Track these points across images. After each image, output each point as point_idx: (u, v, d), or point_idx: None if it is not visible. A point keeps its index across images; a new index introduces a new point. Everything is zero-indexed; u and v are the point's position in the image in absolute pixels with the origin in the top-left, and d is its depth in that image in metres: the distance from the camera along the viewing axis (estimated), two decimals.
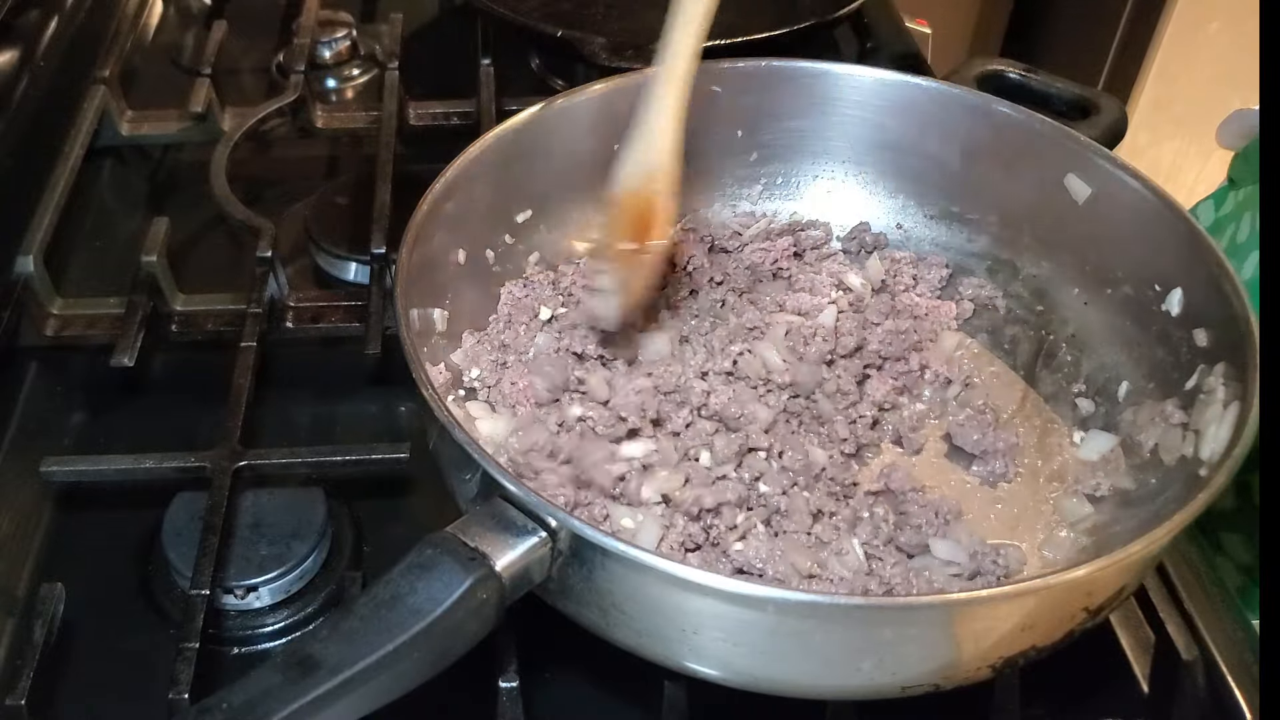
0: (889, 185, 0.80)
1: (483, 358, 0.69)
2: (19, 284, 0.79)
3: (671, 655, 0.53)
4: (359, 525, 0.69)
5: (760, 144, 0.80)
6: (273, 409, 0.74)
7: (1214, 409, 0.59)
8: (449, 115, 1.00)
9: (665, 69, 0.63)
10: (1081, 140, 0.71)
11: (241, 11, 1.16)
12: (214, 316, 0.81)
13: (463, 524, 0.50)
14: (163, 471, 0.67)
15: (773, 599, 0.48)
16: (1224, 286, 0.61)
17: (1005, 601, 0.50)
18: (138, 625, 0.63)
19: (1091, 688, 0.61)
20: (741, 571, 0.59)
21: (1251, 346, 0.57)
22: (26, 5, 0.93)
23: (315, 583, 0.64)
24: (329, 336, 0.81)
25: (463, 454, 0.52)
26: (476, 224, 0.71)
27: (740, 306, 0.75)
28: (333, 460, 0.68)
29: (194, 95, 0.97)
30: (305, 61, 1.01)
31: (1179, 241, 0.65)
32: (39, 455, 0.68)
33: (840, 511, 0.63)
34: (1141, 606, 0.63)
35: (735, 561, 0.60)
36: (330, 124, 1.01)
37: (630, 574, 0.49)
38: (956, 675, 0.52)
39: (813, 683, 0.52)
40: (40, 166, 0.88)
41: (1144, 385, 0.67)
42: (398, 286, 0.60)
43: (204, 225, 0.90)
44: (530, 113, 0.72)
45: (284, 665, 0.46)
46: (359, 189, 0.89)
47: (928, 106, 0.76)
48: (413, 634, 0.46)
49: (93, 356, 0.77)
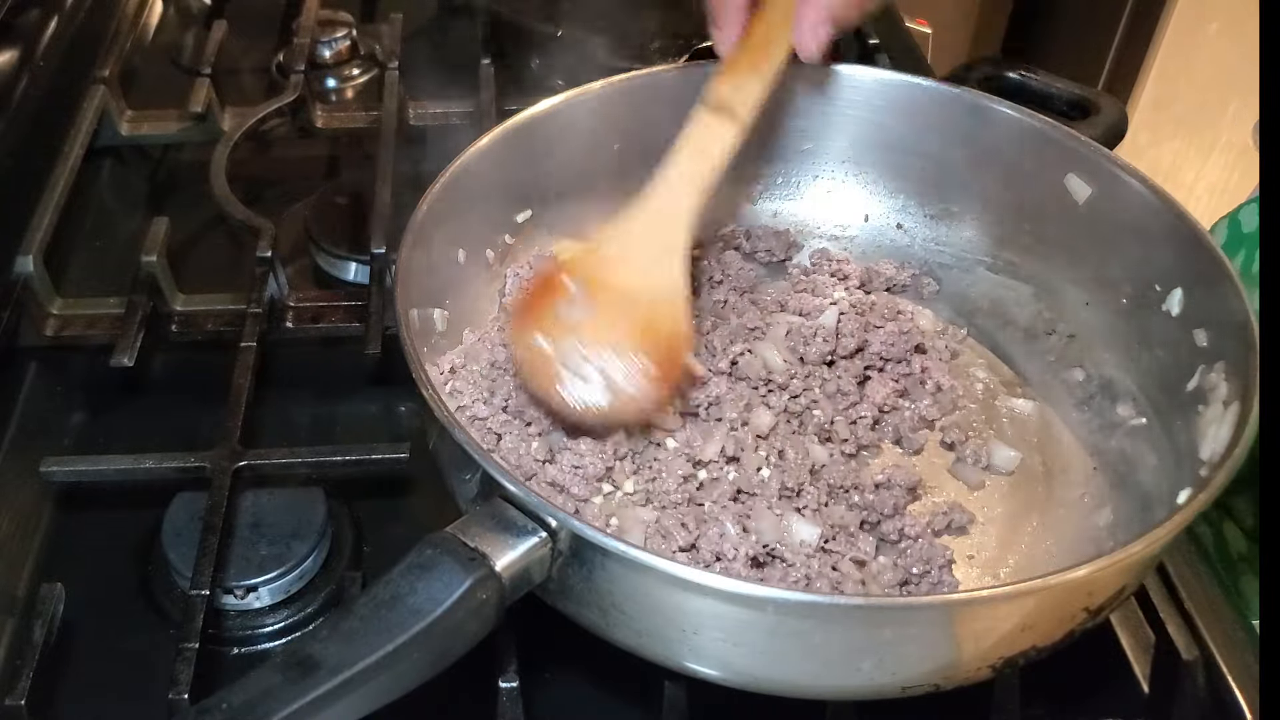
0: (889, 185, 0.80)
1: (482, 356, 0.69)
2: (19, 284, 0.79)
3: (671, 655, 0.53)
4: (359, 525, 0.69)
5: (760, 144, 0.80)
6: (273, 409, 0.74)
7: (1214, 409, 0.59)
8: (449, 115, 1.00)
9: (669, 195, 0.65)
10: (1081, 140, 0.71)
11: (241, 11, 1.16)
12: (214, 316, 0.81)
13: (463, 524, 0.50)
14: (163, 471, 0.67)
15: (773, 599, 0.48)
16: (1224, 286, 0.61)
17: (1005, 601, 0.50)
18: (138, 625, 0.63)
19: (1091, 688, 0.61)
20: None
21: (1251, 346, 0.57)
22: (26, 5, 0.93)
23: (315, 583, 0.64)
24: (329, 336, 0.81)
25: (463, 454, 0.52)
26: (476, 224, 0.71)
27: (741, 306, 0.75)
28: (333, 460, 0.68)
29: (194, 95, 0.97)
30: (305, 61, 1.01)
31: (1179, 241, 0.65)
32: (39, 455, 0.68)
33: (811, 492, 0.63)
34: (1141, 606, 0.63)
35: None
36: (330, 124, 1.01)
37: (630, 574, 0.49)
38: (956, 675, 0.52)
39: (813, 683, 0.52)
40: (40, 166, 0.88)
41: (1144, 385, 0.67)
42: (398, 286, 0.60)
43: (204, 225, 0.90)
44: (530, 113, 0.72)
45: (284, 665, 0.46)
46: (359, 189, 0.89)
47: (928, 106, 0.76)
48: (413, 634, 0.46)
49: (93, 356, 0.77)
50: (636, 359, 0.60)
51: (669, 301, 0.63)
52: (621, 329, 0.61)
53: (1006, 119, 0.73)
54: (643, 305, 0.62)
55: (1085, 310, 0.72)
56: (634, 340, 0.61)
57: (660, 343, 0.61)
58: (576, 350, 0.60)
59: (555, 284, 0.63)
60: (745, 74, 0.66)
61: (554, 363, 0.60)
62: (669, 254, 0.63)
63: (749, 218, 0.82)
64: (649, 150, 0.77)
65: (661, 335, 0.62)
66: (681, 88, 0.76)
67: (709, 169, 0.65)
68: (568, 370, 0.60)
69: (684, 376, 0.64)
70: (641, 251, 0.64)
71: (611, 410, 0.61)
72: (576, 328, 0.61)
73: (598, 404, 0.60)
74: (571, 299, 0.61)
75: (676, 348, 0.63)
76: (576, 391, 0.60)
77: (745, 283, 0.76)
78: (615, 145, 0.76)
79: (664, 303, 0.63)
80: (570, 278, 0.62)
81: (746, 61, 0.67)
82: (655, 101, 0.76)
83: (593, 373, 0.60)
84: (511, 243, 0.74)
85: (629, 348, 0.60)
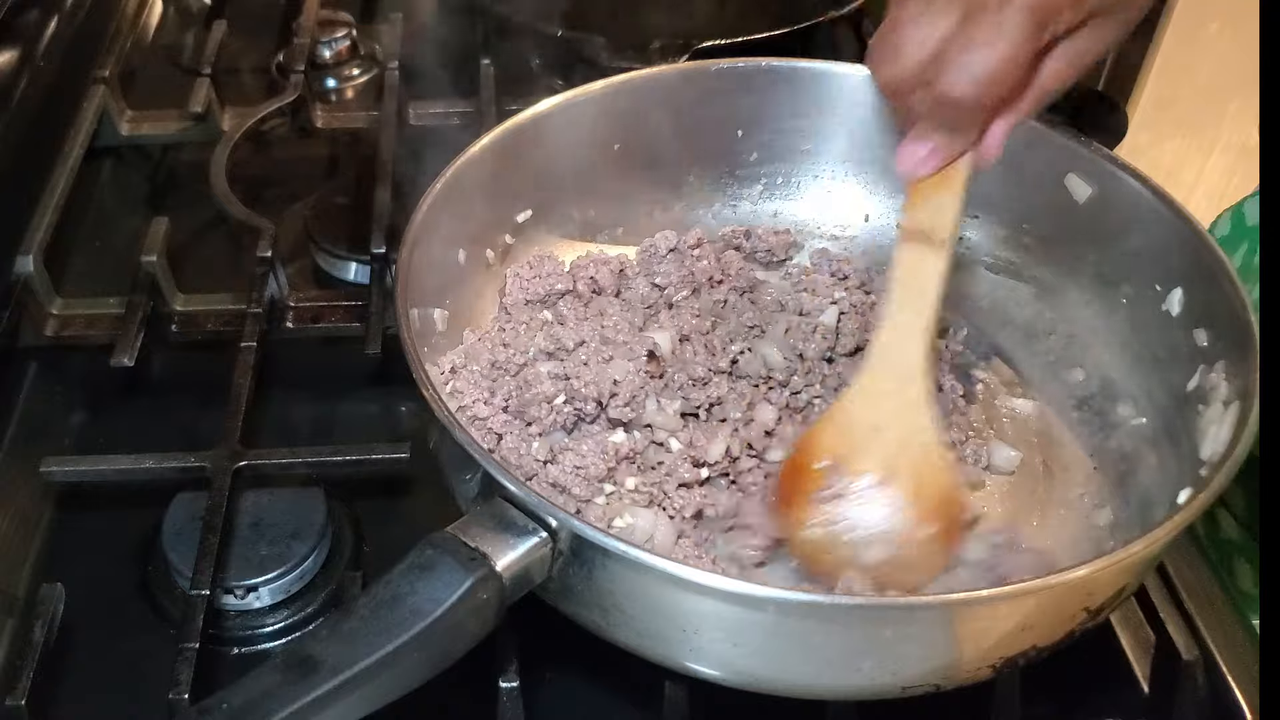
0: (889, 185, 0.80)
1: (483, 356, 0.69)
2: (19, 284, 0.79)
3: (671, 655, 0.53)
4: (359, 525, 0.68)
5: (760, 144, 0.79)
6: (273, 409, 0.74)
7: (1214, 409, 0.59)
8: (449, 115, 1.00)
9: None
10: (1081, 140, 0.71)
11: (241, 11, 1.15)
12: (214, 316, 0.81)
13: (463, 524, 0.50)
14: (163, 471, 0.67)
15: (773, 599, 0.48)
16: (1224, 286, 0.61)
17: (1005, 601, 0.50)
18: (138, 625, 0.63)
19: (1091, 688, 0.61)
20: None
21: (1251, 346, 0.57)
22: (26, 5, 0.93)
23: (315, 583, 0.64)
24: (329, 336, 0.81)
25: (463, 454, 0.52)
26: (476, 224, 0.71)
27: (741, 306, 0.75)
28: (333, 460, 0.68)
29: (194, 95, 0.97)
30: (305, 61, 1.01)
31: (1179, 241, 0.65)
32: (39, 455, 0.68)
33: None
34: (1141, 606, 0.63)
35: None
36: (330, 124, 1.01)
37: (630, 574, 0.49)
38: (957, 675, 0.52)
39: (813, 683, 0.52)
40: (40, 166, 0.88)
41: (1144, 385, 0.67)
42: (398, 286, 0.60)
43: (204, 225, 0.90)
44: (530, 113, 0.72)
45: (284, 665, 0.46)
46: (359, 189, 0.89)
47: None
48: (413, 634, 0.46)
49: (93, 356, 0.77)
50: (912, 517, 0.58)
51: (924, 448, 0.59)
52: (888, 491, 0.59)
53: None
54: (902, 463, 0.59)
55: (1085, 310, 0.72)
56: (905, 498, 0.58)
57: (929, 490, 0.59)
58: (850, 525, 0.58)
59: (806, 471, 0.60)
60: (938, 192, 0.60)
61: (833, 550, 0.59)
62: (913, 406, 0.60)
63: (749, 218, 0.81)
64: (649, 150, 0.77)
65: (926, 483, 0.59)
66: (681, 88, 0.77)
67: (927, 307, 0.60)
68: (853, 549, 0.58)
69: (961, 515, 0.61)
70: (883, 410, 0.60)
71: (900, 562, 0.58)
72: (845, 507, 0.59)
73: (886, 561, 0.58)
74: (828, 483, 0.59)
75: (948, 493, 0.60)
76: (869, 558, 0.58)
77: (745, 283, 0.76)
78: (615, 145, 0.76)
79: (920, 451, 0.59)
80: (818, 461, 0.60)
81: (935, 178, 0.60)
82: (655, 101, 0.76)
83: (876, 543, 0.58)
84: (511, 243, 0.74)
85: (901, 506, 0.58)
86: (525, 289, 0.72)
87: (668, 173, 0.79)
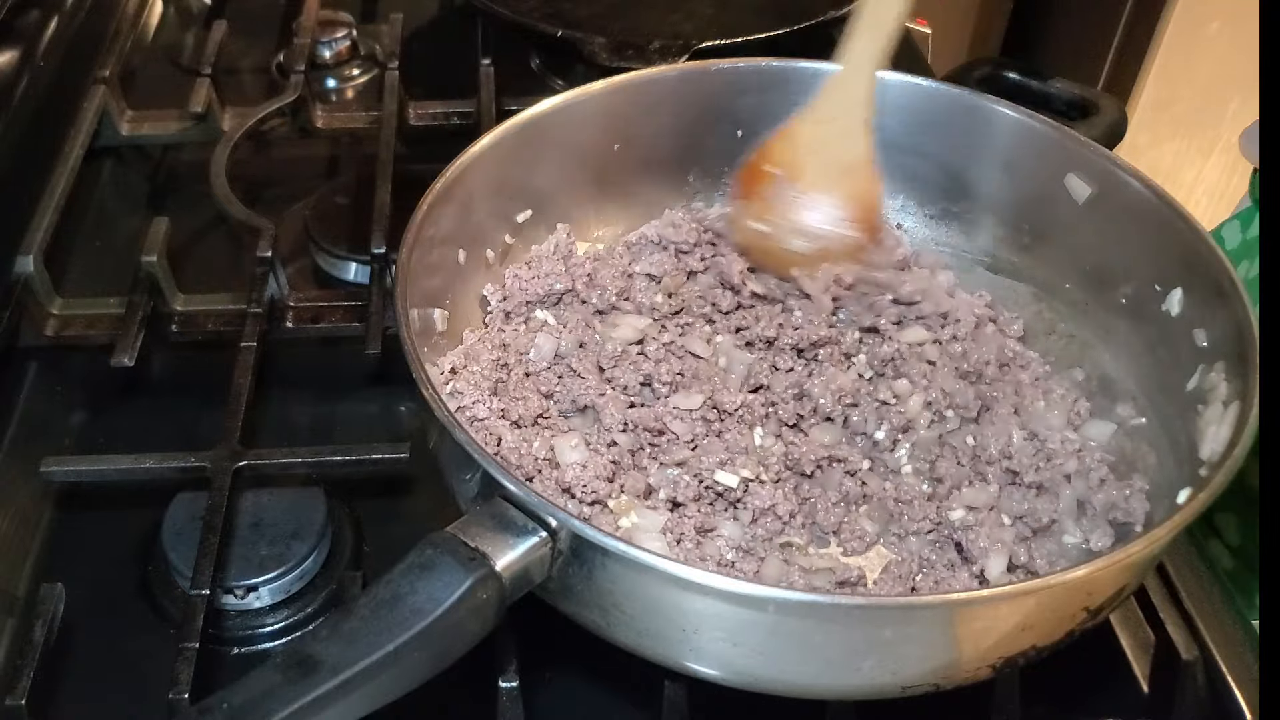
0: (889, 185, 0.79)
1: (483, 356, 0.69)
2: (19, 284, 0.79)
3: (671, 655, 0.53)
4: (359, 525, 0.69)
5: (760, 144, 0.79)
6: (273, 409, 0.74)
7: (1214, 409, 0.59)
8: (449, 115, 1.00)
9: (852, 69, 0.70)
10: (1081, 140, 0.71)
11: (241, 11, 1.16)
12: (214, 316, 0.81)
13: (463, 524, 0.50)
14: (163, 471, 0.67)
15: (773, 599, 0.48)
16: (1224, 286, 0.61)
17: (1005, 601, 0.50)
18: (138, 625, 0.63)
19: (1091, 688, 0.62)
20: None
21: (1251, 346, 0.57)
22: (26, 5, 0.93)
23: (315, 583, 0.64)
24: (329, 336, 0.81)
25: (463, 454, 0.52)
26: (476, 224, 0.71)
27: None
28: (333, 460, 0.68)
29: (194, 95, 0.97)
30: (305, 61, 1.01)
31: (1179, 241, 0.65)
32: (39, 455, 0.68)
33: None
34: (1141, 606, 0.63)
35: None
36: (330, 124, 1.01)
37: (630, 574, 0.49)
38: (956, 675, 0.52)
39: (813, 683, 0.52)
40: (40, 166, 0.88)
41: (1144, 385, 0.67)
42: (398, 286, 0.60)
43: (204, 225, 0.90)
44: (530, 113, 0.72)
45: (284, 665, 0.46)
46: (359, 189, 0.89)
47: (928, 106, 0.76)
48: (413, 634, 0.46)
49: (93, 356, 0.77)
50: (842, 216, 0.71)
51: (862, 167, 0.71)
52: (825, 200, 0.71)
53: (1006, 119, 0.73)
54: (841, 177, 0.71)
55: (1085, 310, 0.72)
56: (838, 204, 0.71)
57: (858, 201, 0.71)
58: (790, 224, 0.71)
59: (760, 174, 0.72)
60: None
61: (774, 238, 0.71)
62: (856, 130, 0.70)
63: None
64: (649, 150, 0.77)
65: (859, 196, 0.71)
66: (681, 88, 0.77)
67: (884, 38, 0.69)
68: (787, 240, 0.71)
69: (877, 222, 0.73)
70: (832, 129, 0.71)
71: (828, 253, 0.71)
72: (787, 206, 0.71)
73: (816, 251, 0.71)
74: (778, 182, 0.71)
75: (871, 204, 0.72)
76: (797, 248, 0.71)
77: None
78: (615, 145, 0.76)
79: (858, 169, 0.71)
80: (772, 165, 0.71)
81: None
82: (655, 101, 0.76)
83: (807, 236, 0.71)
84: (511, 243, 0.74)
85: (834, 210, 0.71)
86: (525, 289, 0.72)
87: (668, 173, 0.79)
